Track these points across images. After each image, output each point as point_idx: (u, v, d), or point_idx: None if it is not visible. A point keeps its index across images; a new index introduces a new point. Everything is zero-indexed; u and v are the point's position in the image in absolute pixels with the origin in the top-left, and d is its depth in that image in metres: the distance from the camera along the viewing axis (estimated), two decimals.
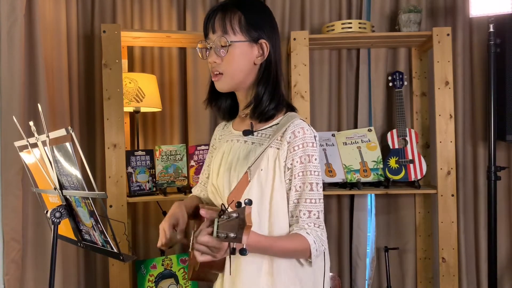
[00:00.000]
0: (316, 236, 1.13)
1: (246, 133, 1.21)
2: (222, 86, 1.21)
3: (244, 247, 0.86)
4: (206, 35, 1.21)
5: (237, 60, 1.17)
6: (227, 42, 1.16)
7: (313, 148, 1.16)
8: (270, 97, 1.19)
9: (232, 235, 0.84)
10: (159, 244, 1.17)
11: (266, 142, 1.17)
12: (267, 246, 1.08)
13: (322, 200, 1.16)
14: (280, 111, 1.23)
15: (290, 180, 1.15)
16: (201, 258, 0.97)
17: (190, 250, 1.26)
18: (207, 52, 1.21)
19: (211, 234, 0.92)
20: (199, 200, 1.38)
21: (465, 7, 2.56)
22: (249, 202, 0.88)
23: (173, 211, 1.22)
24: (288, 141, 1.15)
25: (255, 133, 1.22)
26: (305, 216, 1.14)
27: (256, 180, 1.15)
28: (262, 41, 1.18)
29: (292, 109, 1.26)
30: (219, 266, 1.15)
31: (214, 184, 1.26)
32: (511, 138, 2.47)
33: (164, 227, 1.16)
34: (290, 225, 1.16)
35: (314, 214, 1.14)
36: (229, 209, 0.91)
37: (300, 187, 1.15)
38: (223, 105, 1.31)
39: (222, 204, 0.92)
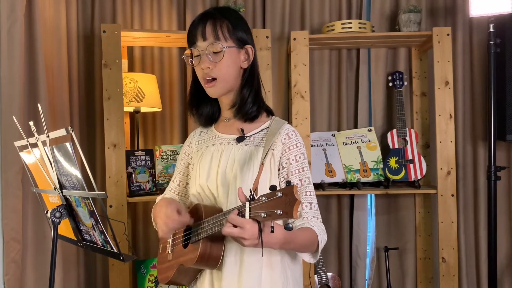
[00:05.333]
0: (318, 227, 1.18)
1: (240, 139, 1.27)
2: (215, 91, 1.26)
3: (289, 222, 0.92)
4: (193, 43, 1.24)
5: (228, 65, 1.23)
6: (222, 48, 1.21)
7: (304, 148, 1.27)
8: (253, 100, 1.27)
9: (279, 211, 0.91)
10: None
11: (260, 144, 1.24)
12: (292, 238, 1.10)
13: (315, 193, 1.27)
14: (261, 112, 1.30)
15: (284, 178, 1.22)
16: (227, 229, 0.99)
17: (168, 251, 1.28)
18: (191, 60, 1.25)
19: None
20: (179, 202, 1.30)
21: (465, 7, 2.56)
22: (273, 187, 0.94)
23: (167, 203, 1.21)
24: (283, 142, 1.24)
25: (247, 138, 1.27)
26: (307, 208, 1.21)
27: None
28: (248, 46, 1.26)
29: (270, 111, 1.33)
30: (214, 261, 1.17)
31: (202, 185, 1.26)
32: (511, 138, 2.47)
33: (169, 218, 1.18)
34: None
35: (314, 206, 1.22)
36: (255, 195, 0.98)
37: (299, 181, 1.22)
38: (205, 112, 1.35)
39: (250, 189, 1.00)
